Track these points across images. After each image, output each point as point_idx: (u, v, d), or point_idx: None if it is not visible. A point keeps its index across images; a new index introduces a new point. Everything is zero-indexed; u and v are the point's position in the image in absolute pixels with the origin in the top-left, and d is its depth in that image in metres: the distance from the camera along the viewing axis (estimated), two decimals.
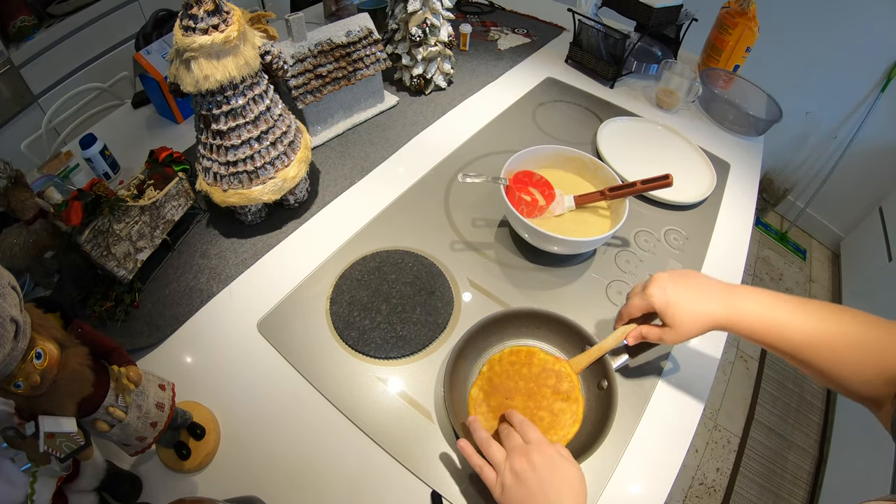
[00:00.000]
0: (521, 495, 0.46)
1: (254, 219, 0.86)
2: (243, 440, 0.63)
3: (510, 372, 0.64)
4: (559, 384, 0.63)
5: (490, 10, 1.57)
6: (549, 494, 0.45)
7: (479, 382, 0.64)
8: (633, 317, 0.62)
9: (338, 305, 0.75)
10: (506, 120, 1.13)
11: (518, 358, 0.66)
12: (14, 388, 0.37)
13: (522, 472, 0.47)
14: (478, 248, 0.85)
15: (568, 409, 0.62)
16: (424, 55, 1.12)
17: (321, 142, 1.04)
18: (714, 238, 0.91)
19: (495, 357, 0.66)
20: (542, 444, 0.50)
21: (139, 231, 0.74)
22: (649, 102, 1.23)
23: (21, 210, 0.66)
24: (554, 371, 0.64)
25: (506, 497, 0.47)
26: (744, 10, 1.19)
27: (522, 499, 0.46)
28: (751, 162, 1.11)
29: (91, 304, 0.72)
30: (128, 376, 0.47)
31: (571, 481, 0.47)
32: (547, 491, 0.45)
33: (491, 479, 0.50)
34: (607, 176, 0.84)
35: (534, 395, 0.63)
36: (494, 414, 0.62)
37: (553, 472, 0.46)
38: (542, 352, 0.66)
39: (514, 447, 0.50)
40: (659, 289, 0.57)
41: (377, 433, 0.63)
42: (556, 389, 0.63)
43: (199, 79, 0.64)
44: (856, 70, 1.91)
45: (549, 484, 0.46)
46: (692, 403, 0.68)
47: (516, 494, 0.46)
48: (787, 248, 2.35)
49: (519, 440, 0.51)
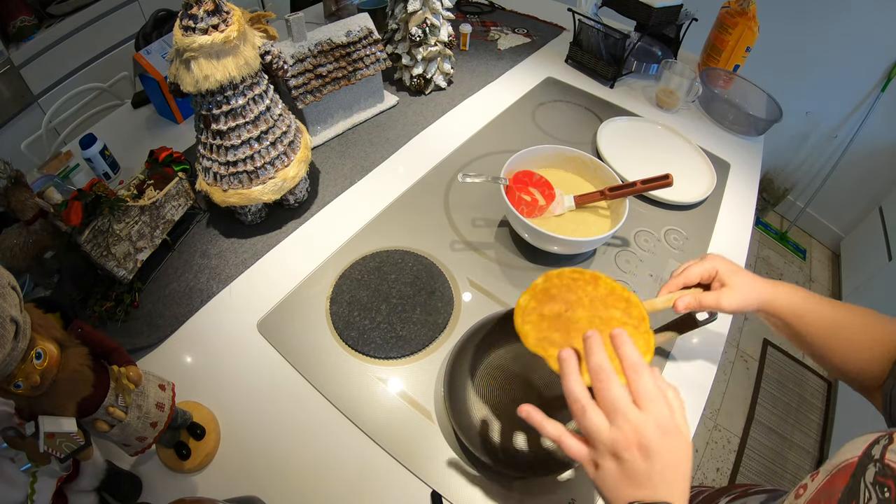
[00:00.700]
0: (620, 481, 0.39)
1: (254, 219, 0.86)
2: (243, 440, 0.63)
3: (572, 286, 0.54)
4: (629, 310, 0.53)
5: (490, 9, 1.57)
6: (655, 485, 0.37)
7: (529, 292, 0.54)
8: (689, 284, 0.62)
9: (338, 305, 0.75)
10: (506, 120, 1.13)
11: (581, 276, 0.55)
12: (14, 388, 0.37)
13: (628, 458, 0.38)
14: (478, 248, 0.85)
15: (640, 338, 0.50)
16: (424, 55, 1.12)
17: (321, 142, 1.04)
18: (714, 238, 0.91)
19: (553, 272, 0.55)
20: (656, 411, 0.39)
21: (139, 231, 0.74)
22: (649, 102, 1.23)
23: (21, 210, 0.66)
24: (623, 297, 0.54)
25: (600, 478, 0.40)
26: (744, 10, 1.19)
27: (620, 484, 0.39)
28: (751, 162, 1.11)
29: (91, 304, 0.72)
30: (128, 376, 0.47)
31: (678, 463, 0.38)
32: (654, 481, 0.37)
33: (580, 454, 0.41)
34: (607, 176, 0.84)
35: (600, 314, 0.52)
36: (549, 324, 0.51)
37: (665, 458, 0.38)
38: (609, 277, 0.56)
39: (617, 410, 0.39)
40: (720, 259, 0.61)
41: (377, 433, 0.63)
42: (628, 313, 0.52)
43: (199, 79, 0.64)
44: (856, 70, 1.91)
45: (657, 475, 0.38)
46: (692, 403, 0.68)
47: (615, 479, 0.39)
48: (787, 248, 2.35)
49: (624, 397, 0.40)
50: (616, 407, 0.39)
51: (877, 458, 0.35)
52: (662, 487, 0.37)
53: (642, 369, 0.41)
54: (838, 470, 0.38)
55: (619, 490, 0.38)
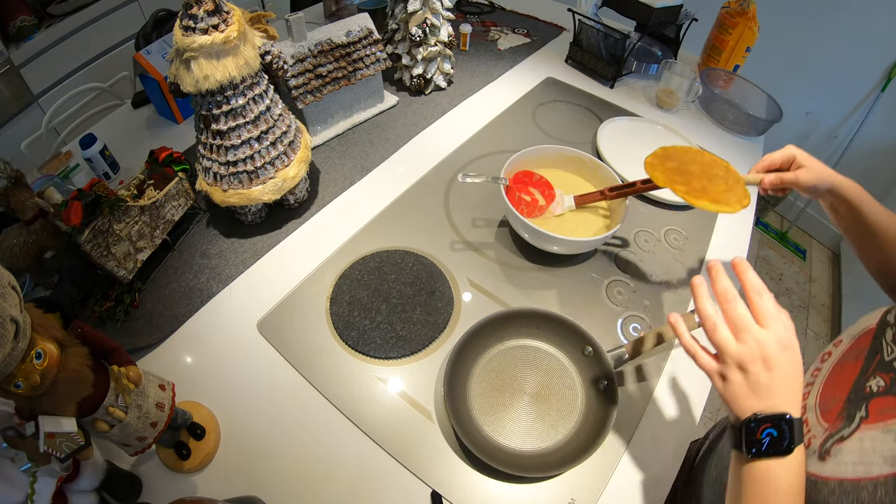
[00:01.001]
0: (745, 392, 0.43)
1: (254, 219, 0.86)
2: (243, 440, 0.63)
3: (684, 154, 0.71)
4: (728, 172, 0.69)
5: (490, 10, 1.57)
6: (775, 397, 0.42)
7: (653, 156, 0.71)
8: (771, 168, 0.69)
9: (338, 305, 0.75)
10: (506, 120, 1.13)
11: (691, 149, 0.73)
12: (14, 388, 0.37)
13: (753, 371, 0.42)
14: (478, 248, 0.85)
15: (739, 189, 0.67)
16: (424, 55, 1.12)
17: (321, 142, 1.04)
18: (714, 238, 0.91)
19: (668, 147, 0.73)
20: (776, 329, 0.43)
21: (139, 231, 0.74)
22: (649, 102, 1.23)
23: (21, 210, 0.66)
24: (723, 164, 0.70)
25: (727, 390, 0.44)
26: (744, 10, 1.19)
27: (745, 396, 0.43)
28: (751, 162, 1.10)
29: (91, 304, 0.72)
30: (128, 376, 0.47)
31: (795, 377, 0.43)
32: (774, 393, 0.42)
33: (709, 368, 0.46)
34: (607, 176, 0.84)
35: (708, 171, 0.68)
36: (672, 172, 0.68)
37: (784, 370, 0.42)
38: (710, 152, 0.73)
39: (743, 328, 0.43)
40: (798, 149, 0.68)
41: (377, 433, 0.63)
42: (728, 172, 0.69)
43: (199, 79, 0.64)
44: (856, 70, 1.91)
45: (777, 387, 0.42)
46: (692, 403, 0.68)
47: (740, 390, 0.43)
48: (787, 248, 2.35)
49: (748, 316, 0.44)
50: (742, 324, 0.43)
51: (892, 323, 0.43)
52: (781, 399, 0.42)
53: (764, 292, 0.44)
54: (861, 334, 0.46)
55: (743, 401, 0.43)
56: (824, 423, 0.44)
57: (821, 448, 0.43)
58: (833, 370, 0.47)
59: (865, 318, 0.47)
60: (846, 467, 0.39)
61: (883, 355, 0.41)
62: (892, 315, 0.44)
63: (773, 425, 0.41)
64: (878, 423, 0.39)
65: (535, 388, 0.67)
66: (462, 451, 0.61)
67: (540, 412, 0.65)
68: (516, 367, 0.69)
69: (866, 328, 0.46)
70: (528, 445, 0.62)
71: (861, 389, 0.43)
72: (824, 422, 0.44)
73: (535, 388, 0.67)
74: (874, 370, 0.42)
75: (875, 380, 0.42)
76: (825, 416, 0.45)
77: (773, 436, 0.40)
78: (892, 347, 0.41)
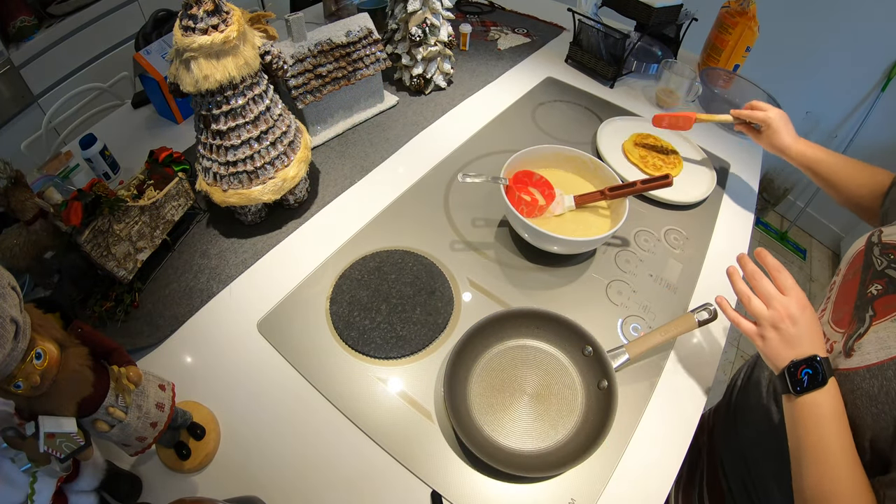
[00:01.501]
0: (781, 346, 0.55)
1: (254, 219, 0.86)
2: (243, 440, 0.63)
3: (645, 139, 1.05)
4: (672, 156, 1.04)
5: (490, 9, 1.57)
6: (804, 345, 0.53)
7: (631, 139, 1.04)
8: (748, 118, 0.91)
9: (338, 305, 0.75)
10: (506, 120, 1.13)
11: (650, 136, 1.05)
12: (14, 389, 0.37)
13: (784, 328, 0.55)
14: (478, 248, 0.85)
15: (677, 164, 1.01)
16: (424, 55, 1.12)
17: (321, 142, 1.04)
18: (714, 238, 0.91)
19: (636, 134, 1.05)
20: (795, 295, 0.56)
21: (139, 231, 0.74)
22: (649, 102, 1.23)
23: (21, 210, 0.65)
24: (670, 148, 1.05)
25: (767, 347, 0.56)
26: (744, 10, 1.19)
27: (781, 349, 0.55)
28: (751, 162, 1.11)
29: (91, 304, 0.72)
30: (128, 376, 0.47)
31: (816, 328, 0.55)
32: (803, 342, 0.54)
33: (751, 331, 0.58)
34: (607, 176, 0.84)
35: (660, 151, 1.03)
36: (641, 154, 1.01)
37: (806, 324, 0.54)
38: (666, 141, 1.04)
39: (770, 297, 0.56)
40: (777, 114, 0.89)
41: (377, 433, 0.63)
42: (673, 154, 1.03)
43: (198, 79, 0.64)
44: (856, 70, 1.91)
45: (804, 336, 0.54)
46: (692, 403, 0.68)
47: (777, 345, 0.55)
48: (787, 248, 2.35)
49: (773, 288, 0.57)
50: (769, 295, 0.57)
51: (876, 242, 0.55)
52: (808, 345, 0.53)
53: (783, 269, 0.58)
54: (854, 256, 0.58)
55: (781, 352, 0.55)
56: (839, 330, 0.55)
57: (844, 347, 0.53)
58: (839, 290, 0.59)
59: (855, 243, 0.60)
60: (869, 356, 0.49)
61: (875, 267, 0.53)
62: (875, 236, 0.57)
63: (808, 366, 0.51)
64: (887, 317, 0.50)
65: (535, 388, 0.67)
66: (462, 451, 0.61)
67: (540, 412, 0.65)
68: (516, 367, 0.69)
69: (857, 250, 0.58)
70: (528, 445, 0.62)
71: (864, 296, 0.53)
72: (839, 329, 0.55)
73: (535, 388, 0.67)
74: (871, 279, 0.54)
75: (873, 286, 0.53)
76: (838, 325, 0.56)
77: (810, 374, 0.51)
78: (880, 260, 0.53)
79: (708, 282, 0.83)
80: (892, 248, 0.53)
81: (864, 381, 0.48)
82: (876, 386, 0.47)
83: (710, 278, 0.84)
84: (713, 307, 0.70)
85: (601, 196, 0.82)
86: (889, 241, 0.54)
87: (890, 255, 0.53)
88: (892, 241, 0.54)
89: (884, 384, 0.47)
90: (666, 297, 0.79)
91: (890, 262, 0.52)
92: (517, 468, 0.58)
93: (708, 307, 0.70)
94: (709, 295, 0.81)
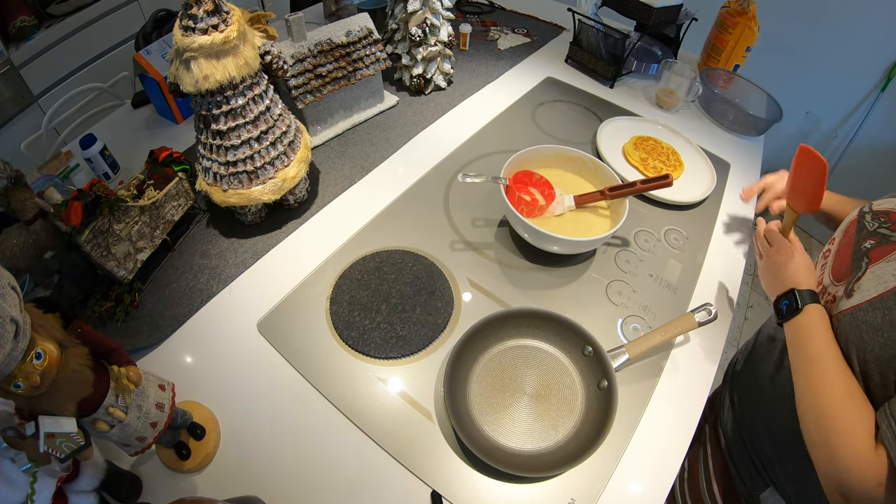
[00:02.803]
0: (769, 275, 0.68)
1: (254, 219, 0.86)
2: (243, 440, 0.63)
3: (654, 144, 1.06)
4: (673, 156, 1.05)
5: (490, 9, 1.57)
6: (787, 282, 0.63)
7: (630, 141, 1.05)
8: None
9: (338, 305, 0.75)
10: (506, 120, 1.13)
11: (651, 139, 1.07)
12: (14, 389, 0.37)
13: (772, 255, 0.70)
14: (478, 248, 0.85)
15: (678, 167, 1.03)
16: (424, 55, 1.12)
17: (321, 142, 1.04)
18: (714, 238, 0.91)
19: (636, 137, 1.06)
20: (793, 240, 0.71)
21: (139, 231, 0.74)
22: (649, 102, 1.23)
23: (21, 210, 0.65)
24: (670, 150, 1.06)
25: (762, 273, 0.70)
26: (744, 10, 1.19)
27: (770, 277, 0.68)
28: (751, 162, 1.11)
29: (91, 304, 0.72)
30: (128, 376, 0.47)
31: (807, 266, 0.65)
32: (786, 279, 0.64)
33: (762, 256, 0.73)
34: (607, 176, 0.84)
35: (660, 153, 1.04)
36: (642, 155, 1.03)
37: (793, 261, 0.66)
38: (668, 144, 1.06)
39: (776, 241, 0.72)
40: None
41: (377, 433, 0.63)
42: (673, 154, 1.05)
43: (198, 79, 0.64)
44: (856, 70, 1.91)
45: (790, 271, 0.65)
46: (692, 403, 0.68)
47: (766, 272, 0.69)
48: None
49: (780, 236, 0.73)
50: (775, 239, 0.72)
51: (867, 211, 0.62)
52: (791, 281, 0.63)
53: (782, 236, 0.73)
54: (847, 226, 0.65)
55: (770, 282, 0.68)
56: (839, 283, 0.60)
57: (845, 291, 0.57)
58: (836, 253, 0.64)
59: (848, 216, 0.67)
60: (868, 292, 0.53)
61: (867, 228, 0.60)
62: (866, 207, 0.64)
63: (785, 298, 0.62)
64: (881, 259, 0.55)
65: (535, 388, 0.67)
66: (462, 451, 0.61)
67: (540, 412, 0.65)
68: (516, 367, 0.69)
69: (850, 220, 0.65)
70: (528, 445, 0.62)
71: (859, 251, 0.59)
72: (839, 282, 0.60)
73: (535, 388, 0.67)
74: (864, 238, 0.59)
75: (867, 242, 0.58)
76: (838, 279, 0.61)
77: (787, 304, 0.61)
78: (872, 223, 0.60)
79: (708, 282, 0.83)
80: (881, 213, 0.60)
81: (867, 315, 0.52)
82: (879, 317, 0.50)
83: (710, 278, 0.84)
84: (713, 307, 0.70)
85: (601, 196, 0.82)
86: (879, 209, 0.61)
87: (881, 218, 0.59)
88: (882, 209, 0.61)
89: (886, 314, 0.50)
90: (666, 297, 0.79)
91: (881, 223, 0.58)
92: (517, 468, 0.58)
93: (708, 307, 0.71)
94: (709, 295, 0.81)
